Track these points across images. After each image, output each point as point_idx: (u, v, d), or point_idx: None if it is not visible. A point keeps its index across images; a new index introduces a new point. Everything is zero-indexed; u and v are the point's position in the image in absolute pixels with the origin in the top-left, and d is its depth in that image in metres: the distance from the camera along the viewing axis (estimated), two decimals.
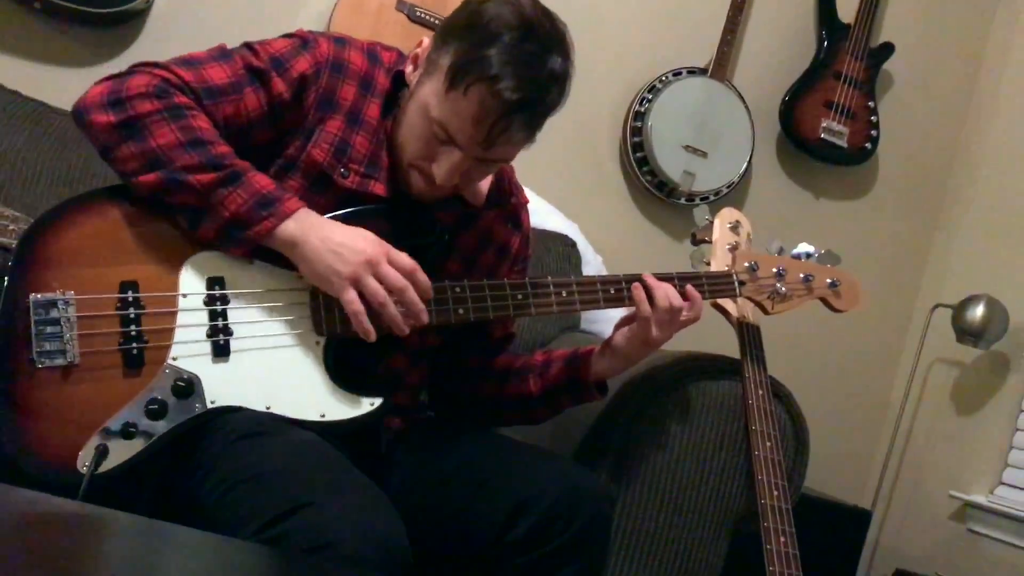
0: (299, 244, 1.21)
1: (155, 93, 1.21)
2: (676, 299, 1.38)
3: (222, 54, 1.30)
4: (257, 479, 1.09)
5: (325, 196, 1.31)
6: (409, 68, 1.32)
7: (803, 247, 1.62)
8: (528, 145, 1.30)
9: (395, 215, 1.33)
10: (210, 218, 1.20)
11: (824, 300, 1.61)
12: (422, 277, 1.24)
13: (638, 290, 1.38)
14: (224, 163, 1.21)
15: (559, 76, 1.25)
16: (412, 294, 1.22)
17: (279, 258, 1.26)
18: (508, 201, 1.49)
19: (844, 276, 1.61)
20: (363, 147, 1.32)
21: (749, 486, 1.55)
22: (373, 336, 1.21)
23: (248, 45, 1.31)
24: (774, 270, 1.56)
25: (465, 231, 1.42)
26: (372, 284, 1.20)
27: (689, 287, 1.42)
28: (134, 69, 1.26)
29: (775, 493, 1.50)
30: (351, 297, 1.20)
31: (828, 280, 1.59)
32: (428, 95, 1.25)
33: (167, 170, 1.19)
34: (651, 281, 1.40)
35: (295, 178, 1.31)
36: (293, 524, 1.01)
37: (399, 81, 1.34)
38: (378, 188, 1.33)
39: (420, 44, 1.30)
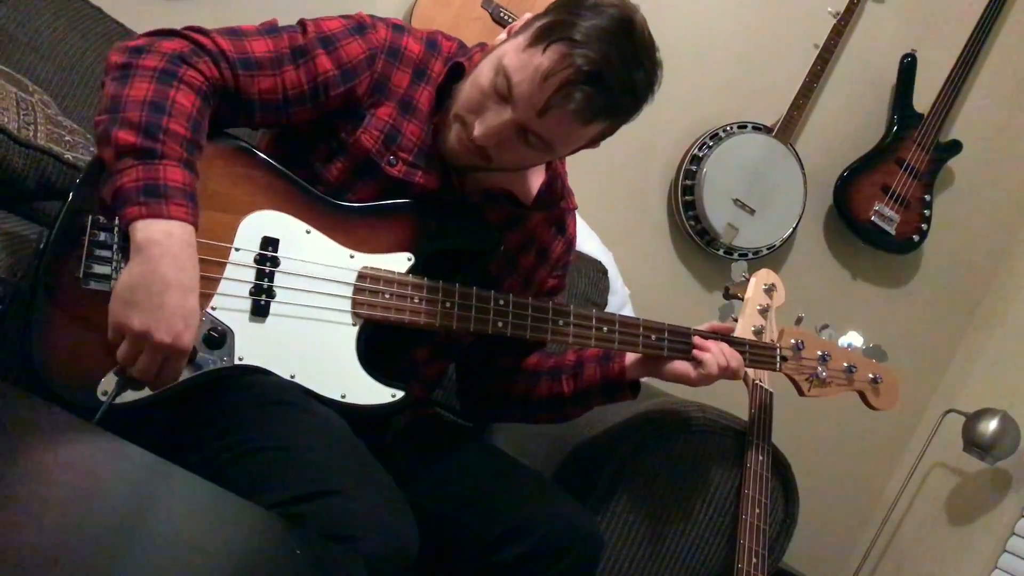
0: (139, 253, 1.09)
1: (171, 58, 1.18)
2: (734, 360, 1.41)
3: (270, 29, 1.28)
4: (284, 451, 1.08)
5: (370, 183, 1.30)
6: (503, 36, 1.28)
7: (852, 336, 1.60)
8: (576, 141, 1.26)
9: (442, 213, 1.32)
10: (109, 182, 1.13)
11: (862, 394, 1.59)
12: (170, 372, 1.12)
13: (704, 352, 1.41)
14: (159, 137, 1.12)
15: (637, 87, 1.23)
16: (155, 377, 1.11)
17: (336, 234, 1.26)
18: (557, 204, 1.47)
19: (888, 374, 1.58)
20: (414, 135, 1.31)
21: (729, 548, 1.54)
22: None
23: (300, 22, 1.29)
24: (819, 353, 1.54)
25: (510, 231, 1.41)
26: (143, 357, 1.09)
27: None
28: (179, 32, 1.23)
29: (753, 561, 1.49)
30: (123, 349, 1.09)
31: (871, 375, 1.57)
32: (508, 47, 1.23)
33: (113, 116, 1.13)
34: (712, 348, 1.41)
35: (341, 161, 1.29)
36: (318, 507, 1.01)
37: (456, 73, 1.31)
38: (424, 179, 1.31)
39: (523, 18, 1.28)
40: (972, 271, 2.93)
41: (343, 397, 1.23)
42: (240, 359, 1.19)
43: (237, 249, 1.21)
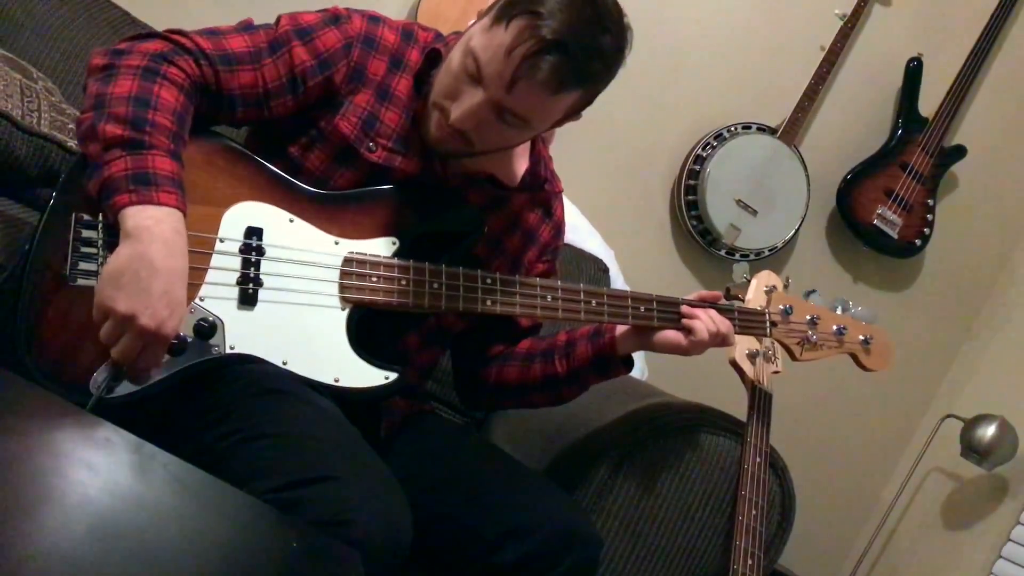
0: (128, 239, 1.09)
1: (152, 56, 1.20)
2: (723, 325, 1.40)
3: (247, 27, 1.30)
4: (280, 438, 1.08)
5: (350, 170, 1.31)
6: (472, 20, 1.29)
7: (841, 300, 1.60)
8: (552, 112, 1.26)
9: (423, 197, 1.33)
10: (96, 174, 1.13)
11: (854, 356, 1.59)
12: (151, 358, 1.12)
13: (694, 320, 1.40)
14: (145, 128, 1.13)
15: (604, 52, 1.22)
16: (135, 361, 1.11)
17: (320, 221, 1.27)
18: (541, 187, 1.47)
19: (879, 335, 1.58)
20: (393, 122, 1.32)
21: (725, 548, 1.54)
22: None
23: (277, 18, 1.31)
24: (808, 317, 1.54)
25: (493, 213, 1.41)
26: (124, 339, 1.09)
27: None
28: (159, 33, 1.25)
29: (748, 562, 1.49)
30: (106, 330, 1.09)
31: (861, 336, 1.57)
32: (475, 29, 1.24)
33: (98, 112, 1.15)
34: (701, 315, 1.40)
35: (320, 149, 1.31)
36: (313, 493, 1.01)
37: (433, 60, 1.32)
38: (405, 164, 1.32)
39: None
40: (973, 276, 2.93)
41: (336, 381, 1.23)
42: (232, 348, 1.19)
43: (222, 240, 1.22)
